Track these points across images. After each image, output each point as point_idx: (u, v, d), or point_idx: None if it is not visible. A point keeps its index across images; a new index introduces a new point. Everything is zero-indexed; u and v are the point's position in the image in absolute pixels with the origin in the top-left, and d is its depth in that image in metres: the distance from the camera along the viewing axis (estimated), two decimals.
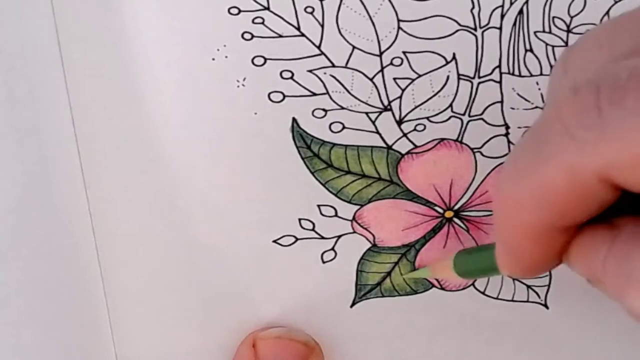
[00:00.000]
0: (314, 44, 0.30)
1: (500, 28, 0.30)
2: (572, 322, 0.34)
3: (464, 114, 0.31)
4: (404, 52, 0.30)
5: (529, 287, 0.33)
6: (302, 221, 0.32)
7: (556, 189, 0.19)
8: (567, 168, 0.19)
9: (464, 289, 0.33)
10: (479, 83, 0.31)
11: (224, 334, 0.33)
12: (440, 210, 0.32)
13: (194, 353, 0.33)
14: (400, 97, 0.31)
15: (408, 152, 0.31)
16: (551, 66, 0.30)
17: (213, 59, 0.30)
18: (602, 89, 0.18)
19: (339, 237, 0.32)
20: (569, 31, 0.30)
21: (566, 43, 0.30)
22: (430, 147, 0.31)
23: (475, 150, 0.31)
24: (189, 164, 0.31)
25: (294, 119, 0.31)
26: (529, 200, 0.20)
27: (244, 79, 0.30)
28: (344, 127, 0.31)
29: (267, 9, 0.29)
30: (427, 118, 0.31)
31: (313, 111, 0.31)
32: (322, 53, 0.30)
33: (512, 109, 0.31)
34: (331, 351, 0.33)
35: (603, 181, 0.18)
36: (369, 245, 0.32)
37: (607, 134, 0.18)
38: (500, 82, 0.31)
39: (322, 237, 0.32)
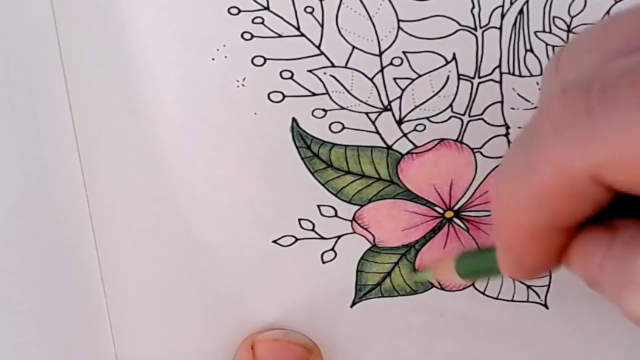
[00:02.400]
0: (313, 44, 0.30)
1: (500, 28, 0.30)
2: (571, 322, 0.34)
3: (464, 114, 0.31)
4: (404, 52, 0.30)
5: (529, 287, 0.33)
6: (302, 221, 0.32)
7: (549, 190, 0.19)
8: (558, 168, 0.19)
9: (464, 289, 0.33)
10: (479, 83, 0.31)
11: (223, 334, 0.33)
12: (440, 211, 0.32)
13: (193, 353, 0.33)
14: (400, 97, 0.30)
15: (408, 152, 0.31)
16: None
17: (213, 59, 0.30)
18: (592, 89, 0.18)
19: (339, 237, 0.32)
20: (569, 31, 0.30)
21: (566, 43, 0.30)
22: (430, 147, 0.31)
23: (475, 150, 0.31)
24: (189, 164, 0.31)
25: (293, 119, 0.31)
26: (523, 202, 0.20)
27: (244, 79, 0.30)
28: (343, 127, 0.31)
29: (267, 9, 0.29)
30: (427, 118, 0.31)
31: (313, 111, 0.31)
32: (322, 53, 0.30)
33: (512, 109, 0.31)
34: (331, 351, 0.33)
35: (594, 181, 0.18)
36: (369, 245, 0.32)
37: (597, 134, 0.18)
38: (500, 82, 0.31)
39: (322, 237, 0.32)
